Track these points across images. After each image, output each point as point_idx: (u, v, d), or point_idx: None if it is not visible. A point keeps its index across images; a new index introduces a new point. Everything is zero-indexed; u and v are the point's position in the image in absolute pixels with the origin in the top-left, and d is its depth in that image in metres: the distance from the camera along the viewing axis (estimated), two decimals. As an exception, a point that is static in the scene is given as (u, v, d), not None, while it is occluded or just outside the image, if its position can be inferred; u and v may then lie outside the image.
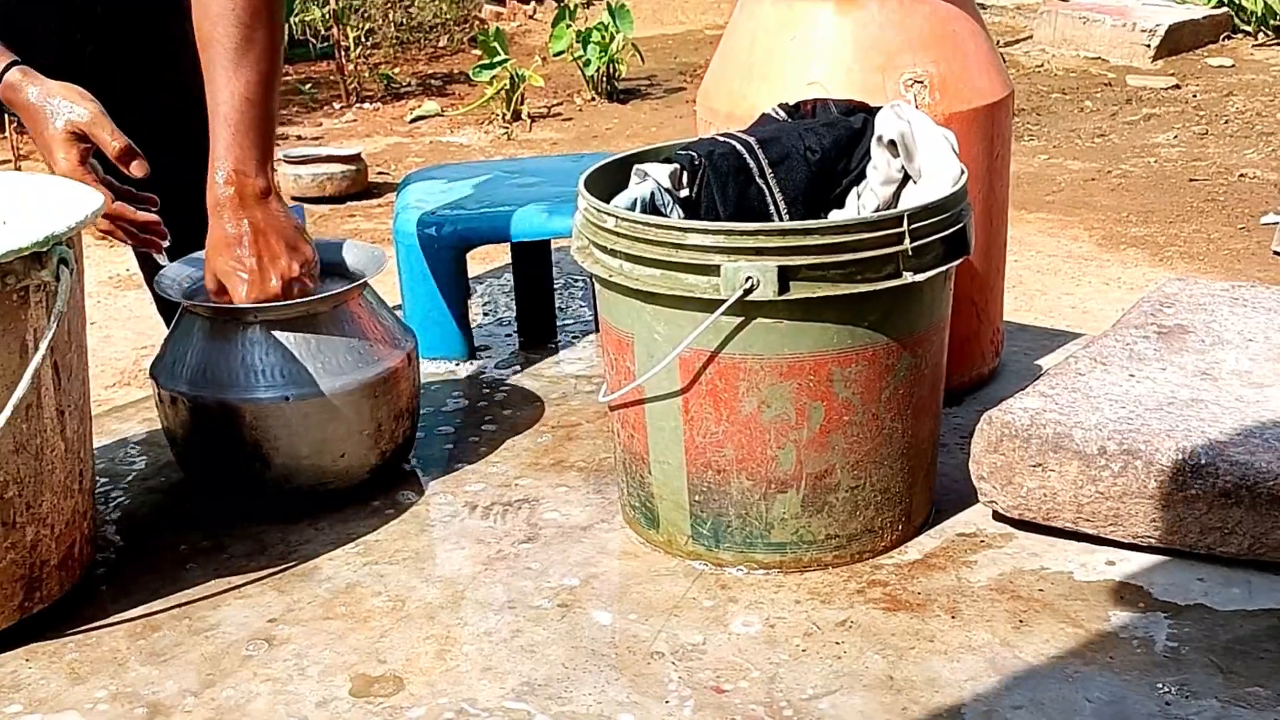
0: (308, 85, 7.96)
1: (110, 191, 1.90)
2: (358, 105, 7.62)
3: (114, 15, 2.29)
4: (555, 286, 2.60)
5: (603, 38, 7.53)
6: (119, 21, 2.30)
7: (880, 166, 1.82)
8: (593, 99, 7.64)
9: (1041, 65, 7.94)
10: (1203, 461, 1.62)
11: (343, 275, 2.01)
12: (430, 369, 2.35)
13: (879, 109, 1.84)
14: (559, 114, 7.41)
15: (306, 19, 7.65)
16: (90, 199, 1.66)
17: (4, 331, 1.51)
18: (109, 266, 4.76)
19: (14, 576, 1.59)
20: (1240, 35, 8.32)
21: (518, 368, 2.39)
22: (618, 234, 1.65)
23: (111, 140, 1.86)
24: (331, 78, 7.83)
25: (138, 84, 2.31)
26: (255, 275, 1.84)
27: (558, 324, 2.55)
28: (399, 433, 1.95)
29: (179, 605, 1.69)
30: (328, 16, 7.70)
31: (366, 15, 8.46)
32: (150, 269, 2.30)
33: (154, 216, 1.95)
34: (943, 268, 1.66)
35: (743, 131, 1.86)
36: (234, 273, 1.84)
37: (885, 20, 1.98)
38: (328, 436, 1.86)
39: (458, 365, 2.39)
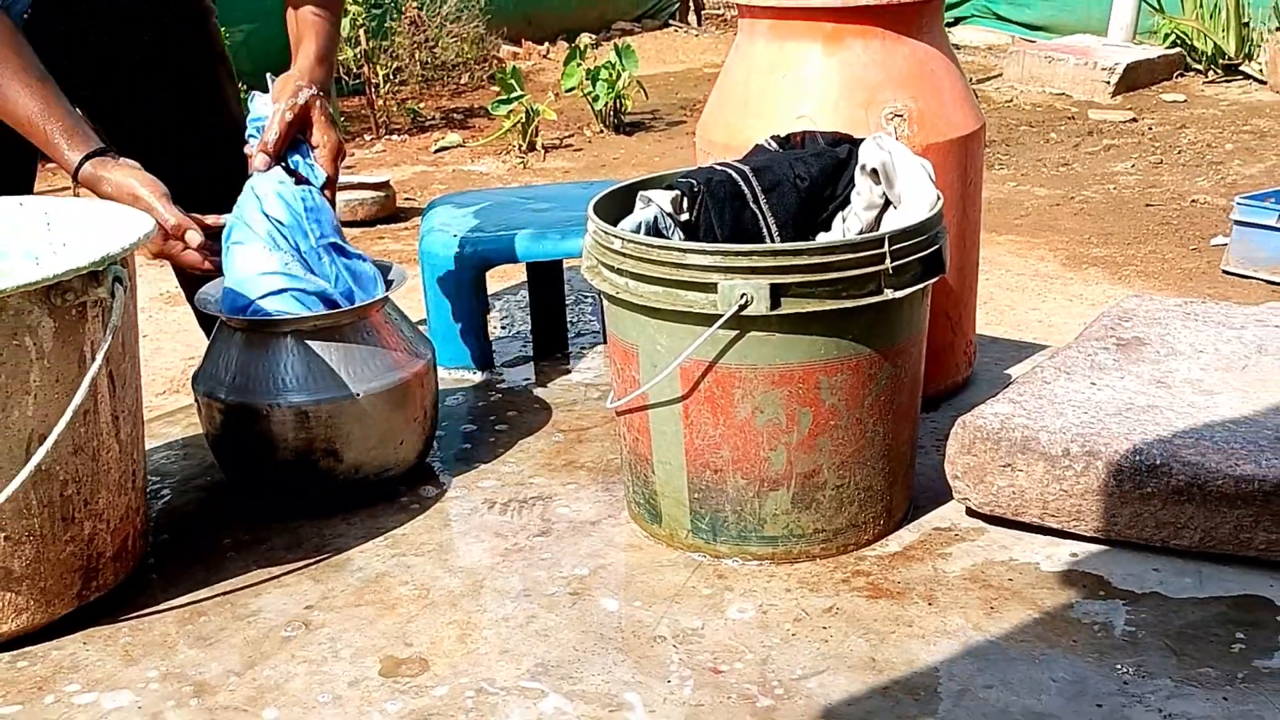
0: (341, 119, 7.96)
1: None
2: (386, 137, 7.63)
3: (116, 17, 2.27)
4: (567, 302, 2.60)
5: (610, 75, 7.53)
6: (121, 23, 2.28)
7: (863, 193, 1.82)
8: (601, 131, 7.65)
9: (1011, 100, 7.94)
10: (1158, 462, 1.62)
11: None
12: (452, 377, 2.35)
13: (862, 140, 1.84)
14: (570, 145, 7.41)
15: (339, 58, 7.66)
16: (142, 222, 1.67)
17: (64, 343, 1.52)
18: (160, 284, 4.76)
19: (73, 567, 1.59)
20: (1192, 73, 8.32)
21: (532, 377, 2.39)
22: (624, 254, 1.65)
23: (166, 216, 1.85)
24: (362, 112, 7.84)
25: (138, 85, 2.30)
26: None
27: (569, 337, 2.55)
28: (425, 434, 1.95)
29: (223, 593, 1.69)
30: (359, 56, 7.71)
31: (394, 55, 8.46)
32: (190, 287, 2.29)
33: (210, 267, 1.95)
34: (921, 285, 1.66)
35: (738, 161, 1.86)
36: None
37: (868, 60, 1.98)
38: (392, 427, 1.88)
39: (477, 374, 2.39)
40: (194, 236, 1.86)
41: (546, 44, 10.16)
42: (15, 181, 2.23)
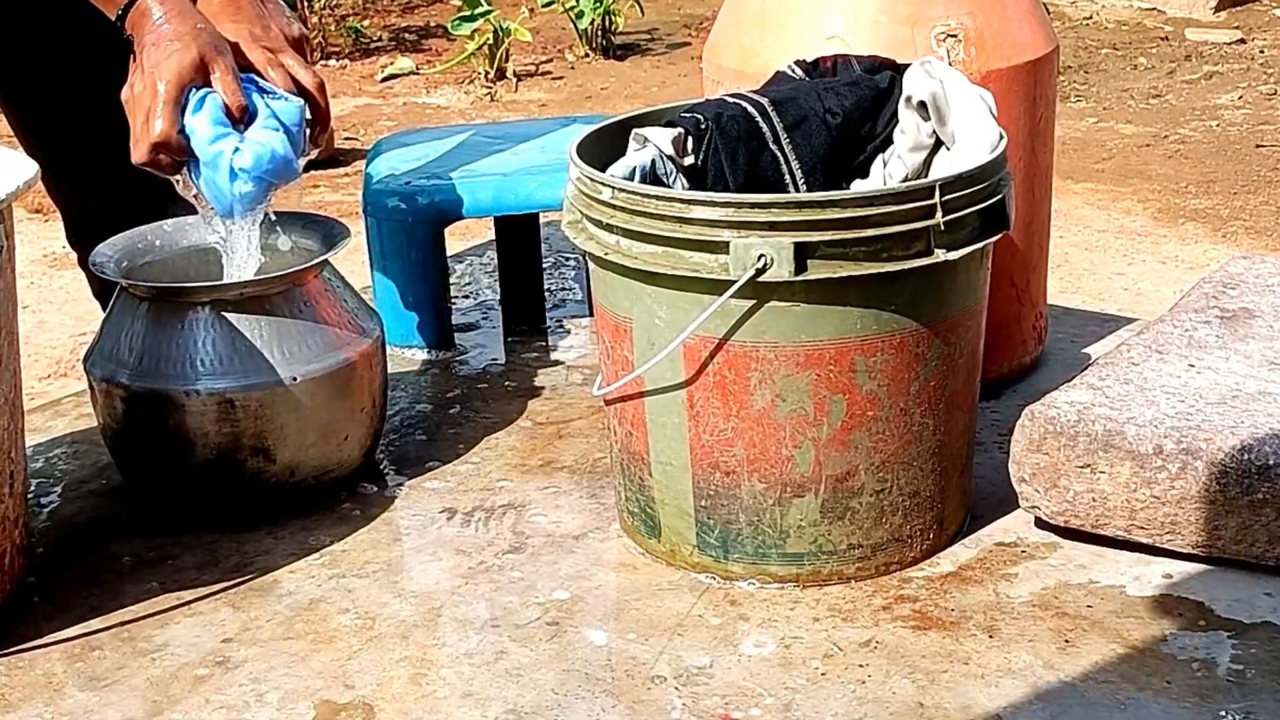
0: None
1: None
2: (323, 62, 7.62)
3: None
4: (544, 266, 2.60)
5: (597, -14, 7.53)
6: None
7: (909, 131, 1.83)
8: (586, 55, 7.65)
9: (1090, 17, 7.95)
10: (1271, 462, 1.62)
11: (305, 252, 2.01)
12: (403, 358, 2.36)
13: (907, 66, 1.84)
14: (548, 72, 7.41)
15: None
16: (24, 166, 1.66)
17: (-75, 316, 1.51)
18: (43, 243, 4.76)
19: (-63, 591, 1.59)
20: (1314, -17, 8.32)
21: (501, 357, 2.39)
22: (614, 207, 1.65)
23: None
24: (293, 31, 7.83)
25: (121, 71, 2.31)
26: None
27: (546, 308, 2.55)
28: (372, 428, 1.96)
29: (122, 623, 1.70)
30: (288, -38, 7.72)
31: (332, -40, 8.47)
32: (84, 245, 2.29)
33: None
34: (979, 244, 1.66)
35: (754, 92, 1.86)
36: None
37: (915, -34, 1.98)
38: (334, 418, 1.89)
39: (434, 354, 2.39)
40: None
41: (519, -53, 10.16)
42: None
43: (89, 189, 2.45)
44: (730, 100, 1.83)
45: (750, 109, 1.82)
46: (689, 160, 1.80)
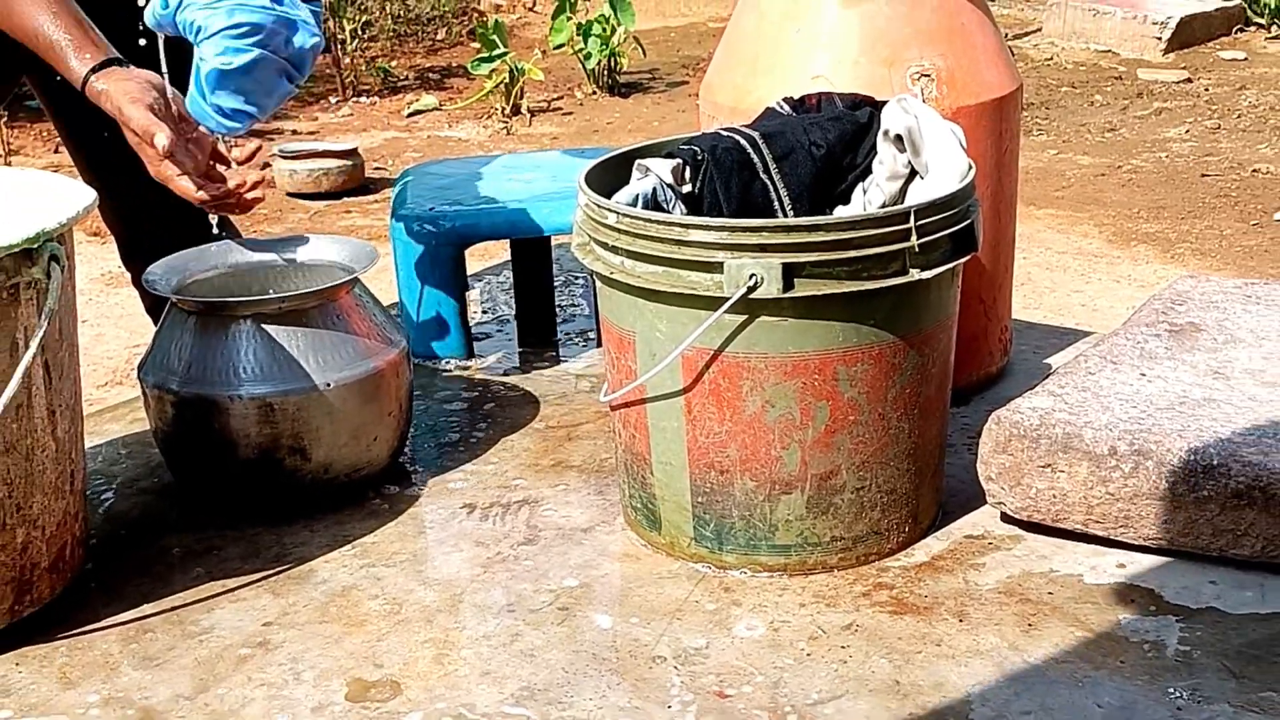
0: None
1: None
2: (354, 99, 7.61)
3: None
4: (555, 284, 2.60)
5: (604, 30, 7.52)
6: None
7: (886, 161, 1.82)
8: (593, 93, 7.64)
9: (1051, 58, 7.94)
10: (1215, 462, 1.62)
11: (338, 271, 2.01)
12: (427, 367, 2.35)
13: (885, 103, 1.84)
14: (559, 108, 7.40)
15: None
16: (82, 194, 1.66)
17: (-7, 330, 1.51)
18: (101, 263, 4.75)
19: (4, 579, 1.59)
20: (1253, 28, 8.31)
21: (517, 367, 2.39)
22: (619, 230, 1.65)
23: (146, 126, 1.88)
24: (327, 71, 7.82)
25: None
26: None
27: (557, 322, 2.55)
28: (399, 430, 1.95)
29: (172, 609, 1.69)
30: (324, 9, 7.71)
31: (363, 7, 8.46)
32: (136, 266, 2.30)
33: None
34: (950, 264, 1.66)
35: (746, 126, 1.86)
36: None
37: (892, 12, 1.98)
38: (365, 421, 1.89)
39: (456, 364, 2.38)
40: (161, 139, 1.85)
41: (533, -5, 10.15)
42: None
43: (141, 216, 2.45)
44: (724, 134, 1.83)
45: (742, 141, 1.81)
46: (687, 188, 1.80)
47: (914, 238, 1.60)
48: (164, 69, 1.96)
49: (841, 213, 1.86)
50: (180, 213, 2.24)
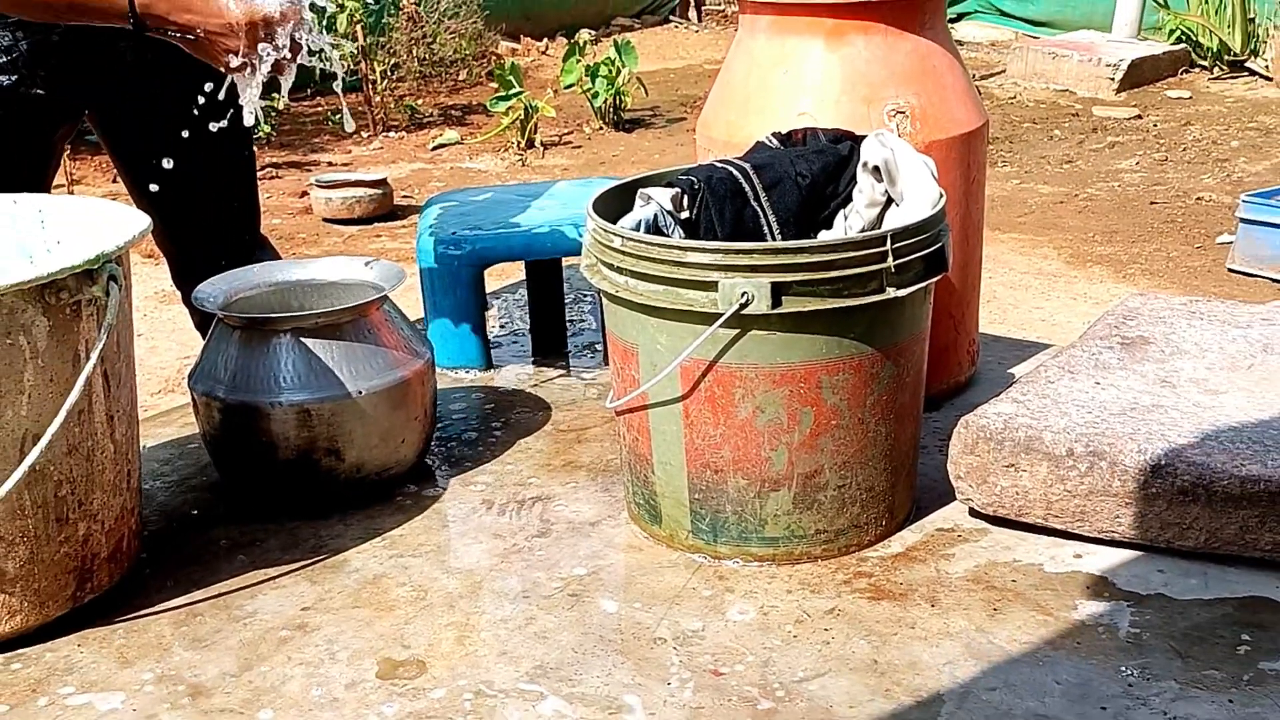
0: (337, 115, 7.97)
1: None
2: (384, 134, 7.63)
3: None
4: (566, 301, 2.60)
5: (610, 72, 7.54)
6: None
7: (865, 190, 1.82)
8: (600, 128, 7.65)
9: (1014, 97, 7.94)
10: (1163, 462, 1.62)
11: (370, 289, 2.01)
12: (450, 377, 2.35)
13: (864, 137, 1.84)
14: (569, 142, 7.41)
15: (339, 55, 7.67)
16: (137, 220, 1.67)
17: (58, 342, 1.51)
18: (154, 283, 4.76)
19: (67, 568, 1.59)
20: (1197, 69, 8.32)
21: (531, 376, 2.38)
22: (623, 252, 1.65)
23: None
24: (360, 109, 7.83)
25: (163, 151, 2.31)
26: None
27: (568, 336, 2.55)
28: (424, 433, 1.96)
29: (218, 595, 1.70)
30: (356, 52, 7.71)
31: (392, 51, 8.46)
32: (186, 285, 2.30)
33: None
34: (923, 284, 1.66)
35: (739, 158, 1.86)
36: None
37: (870, 56, 1.98)
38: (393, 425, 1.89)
39: (475, 374, 2.38)
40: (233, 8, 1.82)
41: (545, 40, 10.16)
42: (34, 171, 2.25)
43: (191, 240, 2.46)
44: (719, 165, 1.83)
45: (735, 172, 1.82)
46: (685, 214, 1.80)
47: (890, 259, 1.60)
48: None
49: (825, 237, 1.86)
50: (227, 237, 2.25)
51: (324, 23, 7.38)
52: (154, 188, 2.25)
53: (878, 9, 1.97)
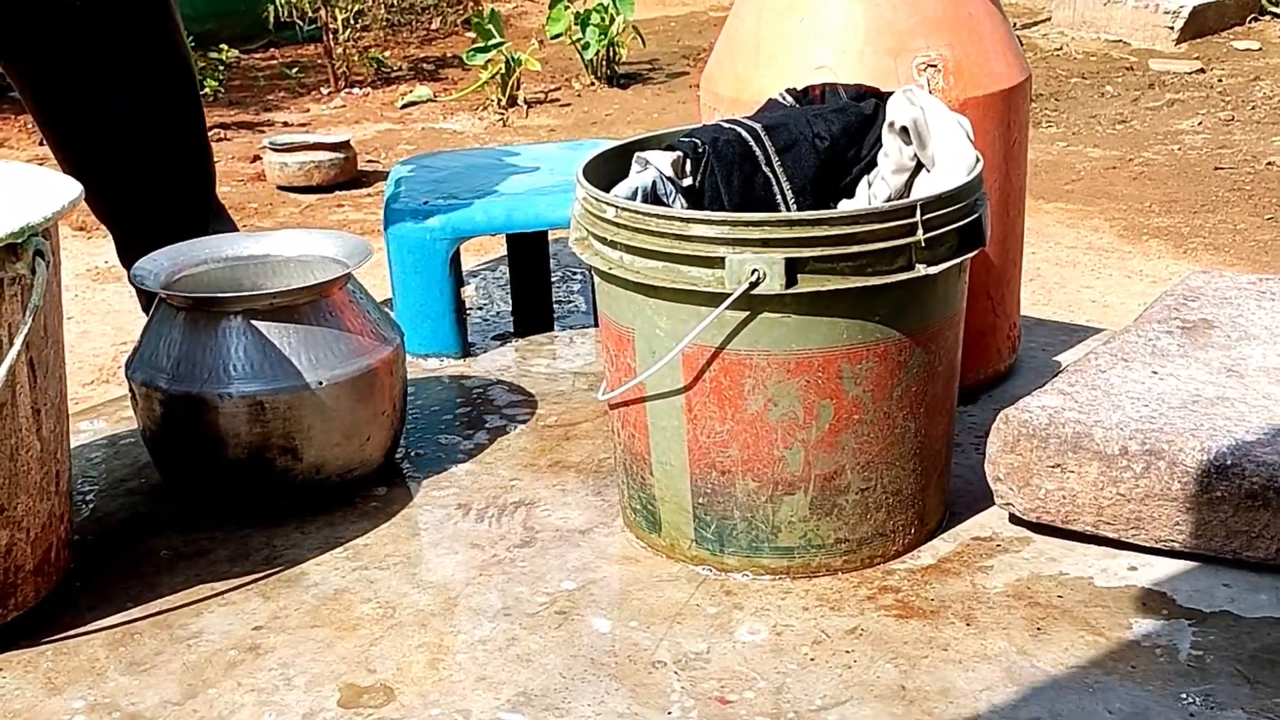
0: (294, 69, 7.96)
1: None
2: (346, 90, 7.61)
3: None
4: (553, 279, 2.60)
5: (602, 20, 7.52)
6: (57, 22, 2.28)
7: (892, 154, 1.83)
8: (592, 84, 7.64)
9: (1060, 48, 7.94)
10: (1228, 462, 1.62)
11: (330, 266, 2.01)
12: (422, 366, 2.36)
13: (891, 94, 1.84)
14: (556, 99, 7.40)
15: (293, 1, 7.65)
16: (67, 188, 1.66)
17: (-23, 326, 1.52)
18: (87, 259, 4.76)
19: (-12, 582, 1.59)
20: (1268, 17, 8.31)
21: (513, 364, 2.39)
22: (618, 225, 1.65)
23: None
24: (319, 61, 7.82)
25: (82, 85, 2.30)
26: None
27: (555, 319, 2.55)
28: (393, 430, 1.96)
29: (160, 612, 1.70)
30: (315, -2, 7.70)
31: (356, -4, 8.46)
32: (131, 258, 2.30)
33: None
34: (957, 260, 1.66)
35: (748, 118, 1.86)
36: None
37: (898, 1, 1.98)
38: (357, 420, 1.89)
39: (450, 362, 2.39)
40: None
41: (530, -16, 10.16)
42: None
43: (133, 206, 2.45)
44: (726, 126, 1.83)
45: (744, 134, 1.82)
46: (687, 181, 1.80)
47: (920, 232, 1.60)
48: None
49: (846, 206, 1.86)
50: (174, 201, 2.23)
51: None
52: (80, 140, 2.25)
53: (906, -52, 1.97)
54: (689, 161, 1.80)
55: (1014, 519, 1.79)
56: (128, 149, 2.26)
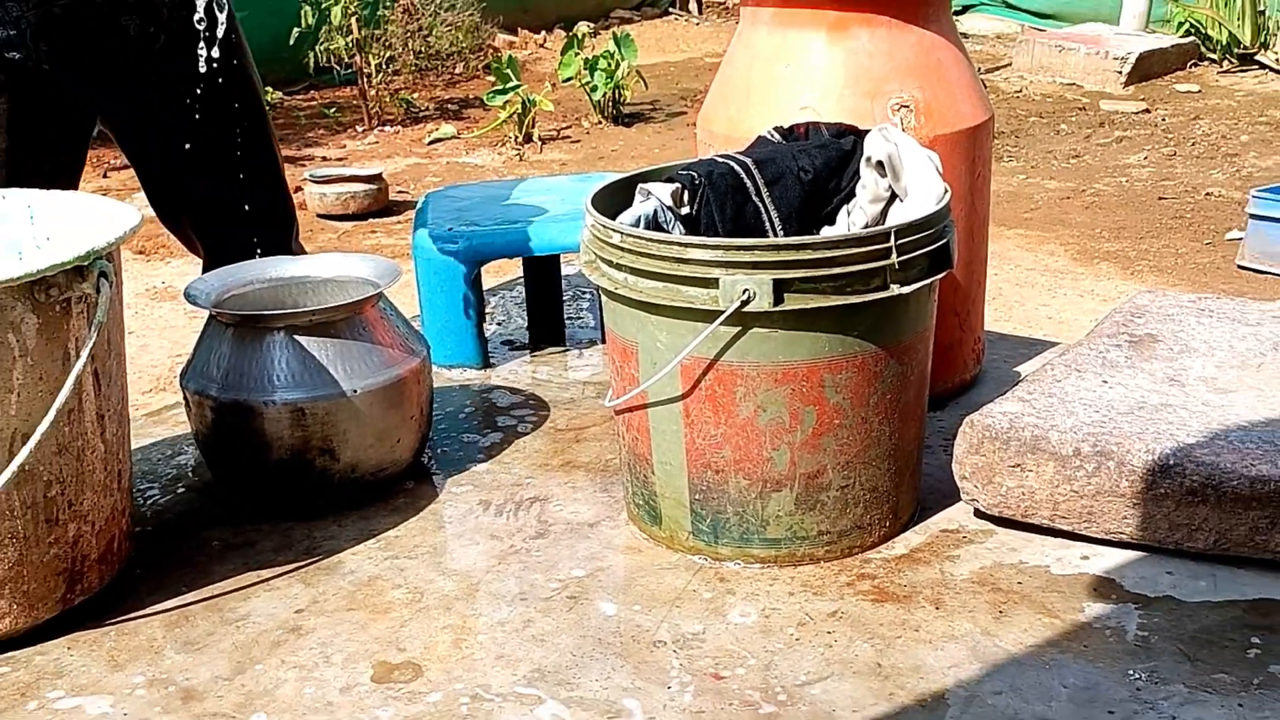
0: (332, 109, 7.97)
1: None
2: (379, 128, 7.62)
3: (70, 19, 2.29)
4: (564, 298, 2.60)
5: (609, 65, 7.53)
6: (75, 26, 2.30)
7: (869, 185, 1.82)
8: (599, 122, 7.65)
9: (1020, 91, 7.94)
10: (1171, 462, 1.62)
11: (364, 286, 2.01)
12: (446, 375, 2.35)
13: (868, 132, 1.84)
14: (568, 136, 7.41)
15: (331, 47, 7.65)
16: (128, 216, 1.67)
17: (48, 340, 1.51)
18: (146, 279, 4.77)
19: (57, 570, 1.59)
20: (1206, 63, 8.32)
21: (529, 374, 2.38)
22: (622, 249, 1.65)
23: None
24: (355, 102, 7.83)
25: (187, 171, 2.35)
26: None
27: (566, 333, 2.55)
28: (420, 433, 1.96)
29: (211, 597, 1.70)
30: (351, 45, 7.71)
31: (387, 44, 8.46)
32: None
33: None
34: (928, 280, 1.66)
35: (740, 153, 1.86)
36: None
37: (874, 49, 1.98)
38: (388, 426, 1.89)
39: (472, 372, 2.38)
40: None
41: (543, 33, 10.16)
42: (59, 169, 2.28)
43: (218, 222, 2.48)
44: (720, 160, 1.83)
45: (736, 167, 1.82)
46: (685, 210, 1.80)
47: (894, 256, 1.60)
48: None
49: (827, 233, 1.86)
50: (259, 247, 2.25)
51: (320, 14, 7.37)
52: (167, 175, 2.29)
53: (882, 2, 1.97)
54: (687, 192, 1.80)
55: (978, 513, 1.79)
56: (220, 214, 2.28)
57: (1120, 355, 1.92)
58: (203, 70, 1.97)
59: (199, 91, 2.08)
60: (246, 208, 2.37)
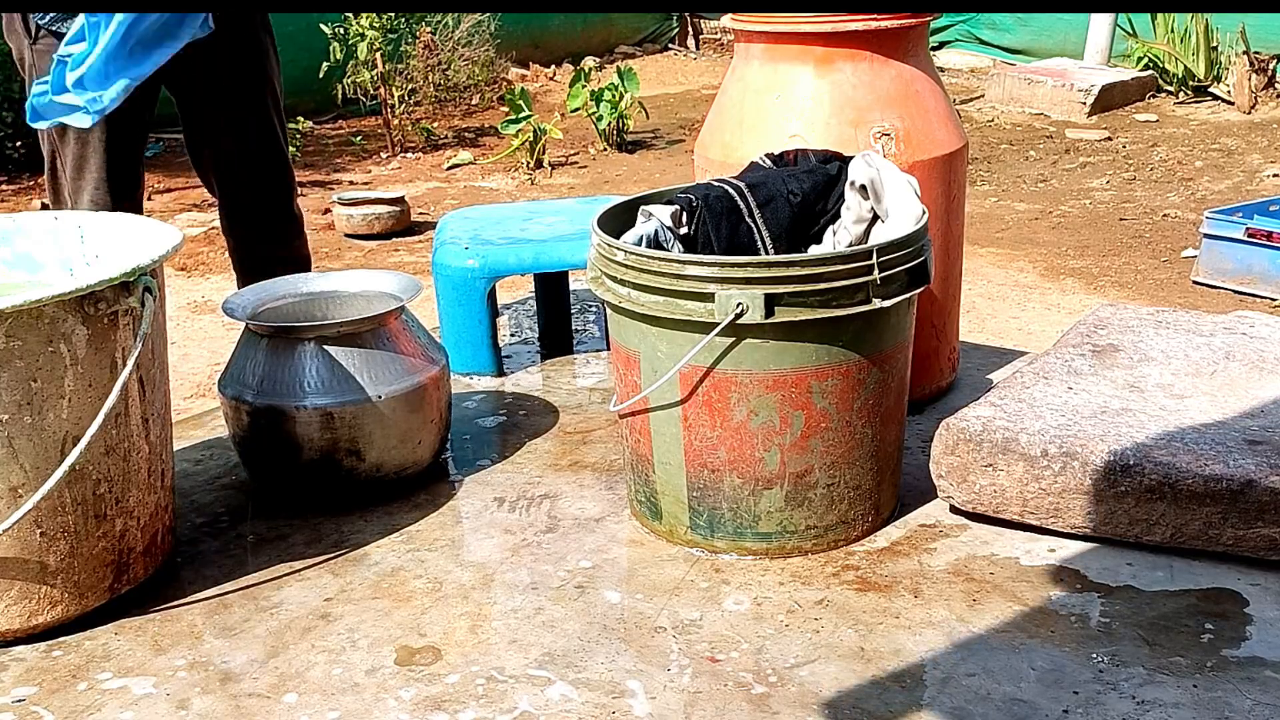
0: (358, 138, 7.96)
1: None
2: (402, 155, 7.62)
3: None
4: (572, 311, 2.60)
5: (613, 97, 7.53)
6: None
7: (853, 207, 1.83)
8: (604, 149, 7.64)
9: (992, 120, 7.94)
10: (1131, 462, 1.62)
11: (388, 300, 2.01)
12: (463, 382, 2.36)
13: (852, 158, 1.84)
14: (575, 162, 7.40)
15: (357, 80, 7.64)
16: (170, 236, 1.67)
17: (96, 350, 1.52)
18: (187, 294, 4.76)
19: (105, 561, 1.59)
20: (1163, 94, 8.31)
21: (539, 381, 2.39)
22: (626, 266, 1.65)
23: None
24: (379, 131, 7.83)
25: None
26: None
27: (574, 343, 2.55)
28: (440, 435, 1.96)
29: (247, 586, 1.70)
30: (376, 79, 7.71)
31: (409, 77, 8.46)
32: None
33: None
34: (907, 295, 1.66)
35: (734, 177, 1.86)
36: None
37: (857, 81, 1.98)
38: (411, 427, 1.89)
39: (487, 379, 2.39)
40: None
41: (553, 67, 10.16)
42: (123, 184, 2.36)
43: (240, 178, 2.59)
44: (716, 184, 1.83)
45: (731, 190, 1.82)
46: (684, 230, 1.80)
47: (876, 272, 1.60)
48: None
49: (815, 251, 1.86)
50: (267, 183, 2.49)
51: (347, 49, 7.39)
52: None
53: (864, 38, 1.97)
54: (685, 213, 1.80)
55: (954, 509, 1.79)
56: (237, 167, 2.52)
57: (1084, 364, 1.92)
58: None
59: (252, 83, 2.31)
60: (258, 165, 2.56)
